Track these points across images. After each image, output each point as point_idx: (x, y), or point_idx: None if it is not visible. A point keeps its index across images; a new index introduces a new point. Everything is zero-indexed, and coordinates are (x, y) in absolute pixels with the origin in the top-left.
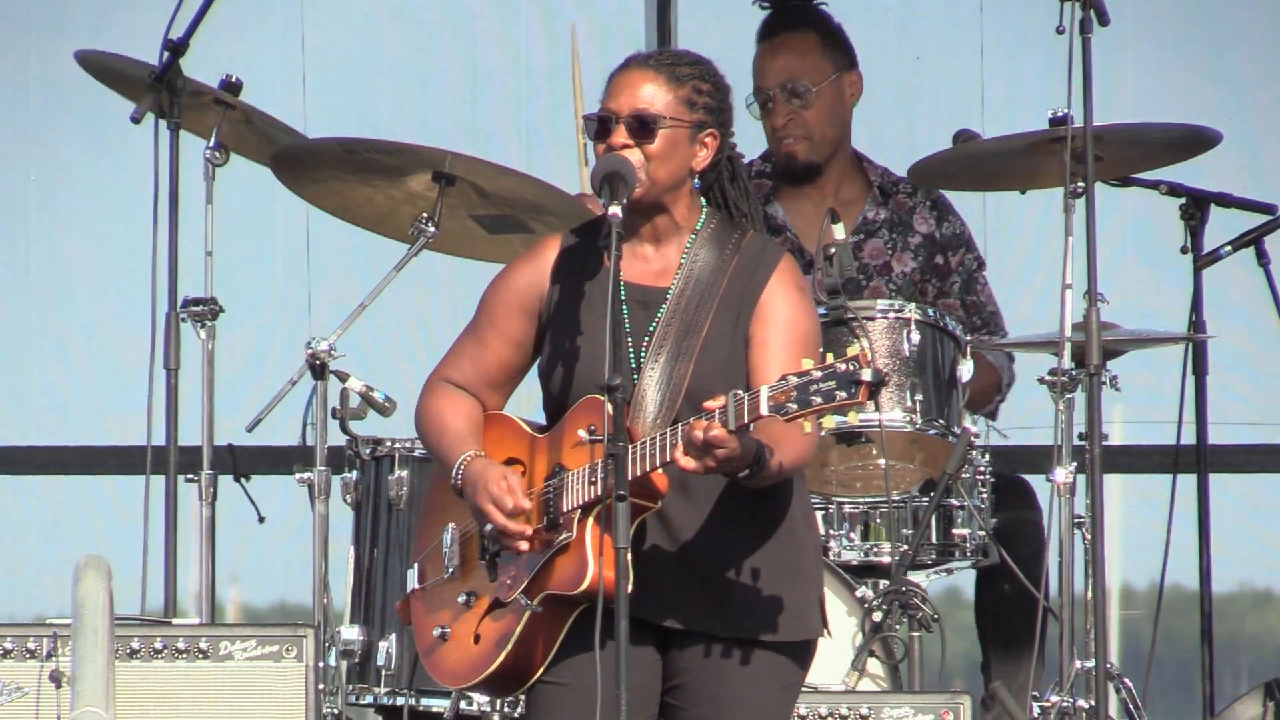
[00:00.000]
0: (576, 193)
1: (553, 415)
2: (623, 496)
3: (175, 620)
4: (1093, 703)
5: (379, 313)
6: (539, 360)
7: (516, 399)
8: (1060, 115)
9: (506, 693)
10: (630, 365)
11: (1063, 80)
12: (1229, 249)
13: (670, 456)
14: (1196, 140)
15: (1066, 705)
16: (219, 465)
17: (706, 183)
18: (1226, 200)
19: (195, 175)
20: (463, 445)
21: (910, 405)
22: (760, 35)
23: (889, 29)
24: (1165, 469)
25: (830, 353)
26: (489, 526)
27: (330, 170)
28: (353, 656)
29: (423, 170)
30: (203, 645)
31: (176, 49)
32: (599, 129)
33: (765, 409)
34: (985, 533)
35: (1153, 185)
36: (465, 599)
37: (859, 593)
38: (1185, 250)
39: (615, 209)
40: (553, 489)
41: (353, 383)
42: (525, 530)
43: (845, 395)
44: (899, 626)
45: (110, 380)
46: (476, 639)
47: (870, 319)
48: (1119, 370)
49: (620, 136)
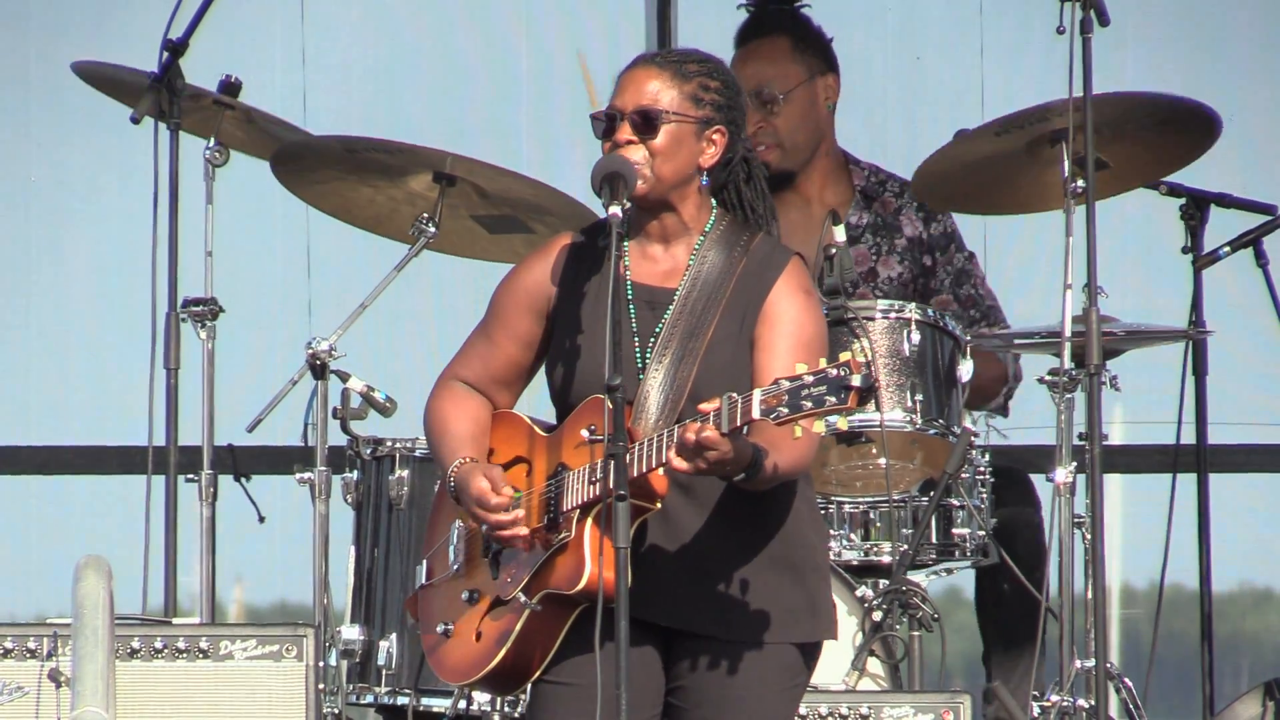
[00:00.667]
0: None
1: (559, 415)
2: (623, 496)
3: (175, 620)
4: (1093, 703)
5: (379, 313)
6: (546, 359)
7: (531, 397)
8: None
9: (507, 690)
10: (636, 365)
11: (1063, 80)
12: (1228, 249)
13: (664, 458)
14: (1195, 123)
15: (1066, 705)
16: (219, 465)
17: (718, 182)
18: (1226, 201)
19: (195, 175)
20: (457, 451)
21: (910, 405)
22: (735, 41)
23: (888, 29)
24: (1165, 469)
25: (828, 356)
26: (485, 526)
27: (331, 171)
28: (353, 656)
29: (423, 171)
30: (203, 645)
31: (176, 49)
32: (605, 127)
33: (757, 412)
34: (985, 532)
35: (1152, 185)
36: (469, 596)
37: (859, 593)
38: (1185, 250)
39: (615, 209)
40: (554, 488)
41: (353, 383)
42: (517, 517)
43: (835, 400)
44: (899, 626)
45: (110, 380)
46: (478, 636)
47: (870, 319)
48: (1119, 370)
49: (624, 133)
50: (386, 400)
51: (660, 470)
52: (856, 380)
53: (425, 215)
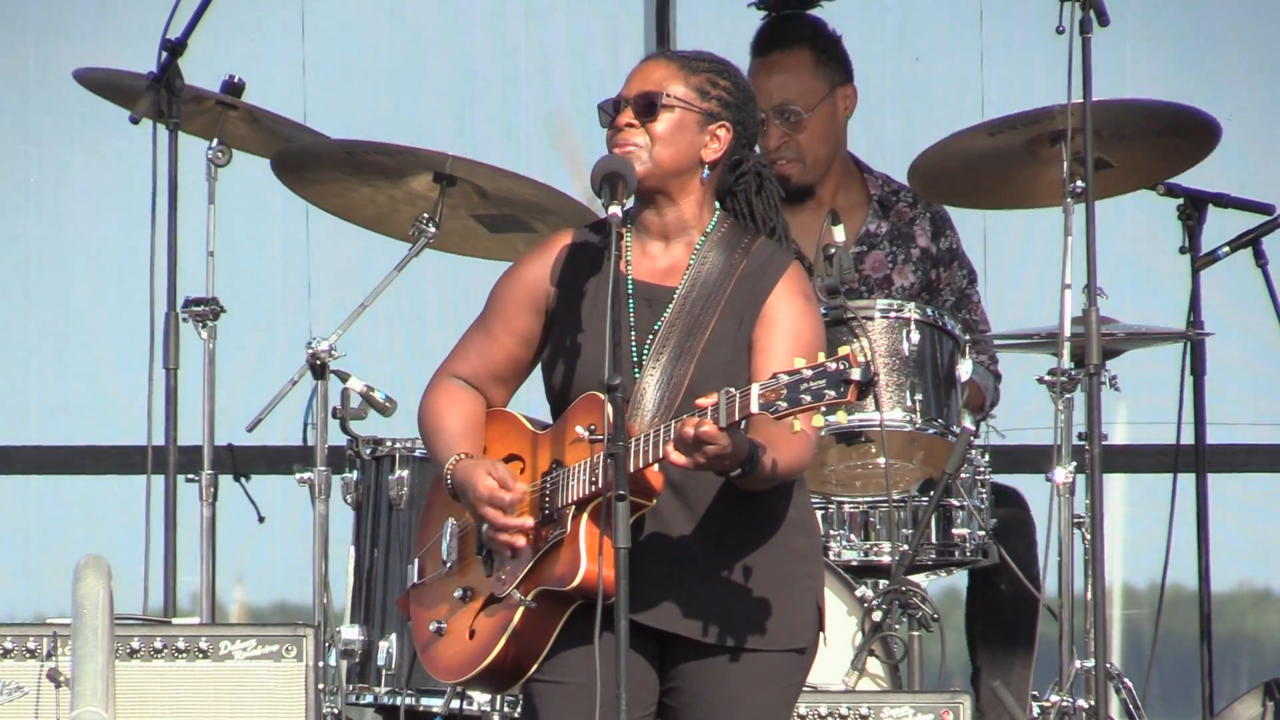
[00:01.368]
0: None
1: (555, 411)
2: (622, 496)
3: (175, 620)
4: (1092, 703)
5: (380, 313)
6: (543, 355)
7: (528, 397)
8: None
9: (501, 688)
10: (633, 362)
11: (1063, 81)
12: (1227, 249)
13: (662, 453)
14: (1195, 128)
15: (1066, 705)
16: (219, 465)
17: (725, 186)
18: (1224, 200)
19: (196, 175)
20: (453, 447)
21: (910, 405)
22: (754, 49)
23: (888, 30)
24: (1166, 469)
25: (823, 353)
26: (487, 526)
27: (331, 171)
28: (353, 656)
29: (424, 171)
30: (203, 645)
31: (175, 49)
32: (605, 116)
33: (755, 406)
34: (985, 533)
35: (1150, 186)
36: (462, 594)
37: (859, 593)
38: (1183, 250)
39: (615, 209)
40: (550, 485)
41: (353, 383)
42: (525, 525)
43: (834, 394)
44: (899, 626)
45: (110, 380)
46: (471, 634)
47: (870, 319)
48: (1121, 370)
49: (625, 117)
50: (386, 400)
51: (654, 467)
52: (856, 374)
53: (426, 215)
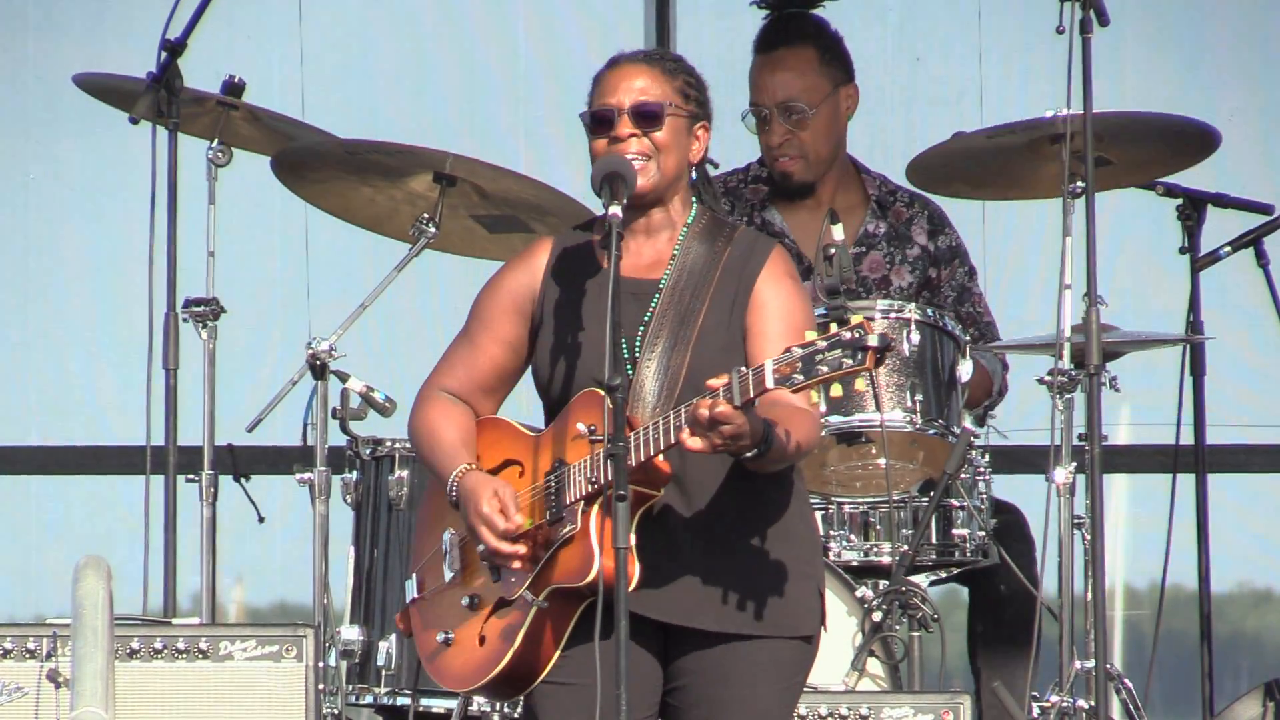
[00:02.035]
0: None
1: (551, 414)
2: (622, 497)
3: (175, 620)
4: (1093, 703)
5: (379, 313)
6: (534, 361)
7: (514, 403)
8: (1060, 116)
9: (513, 694)
10: (623, 356)
11: (1062, 81)
12: (1228, 249)
13: (675, 439)
14: (1194, 136)
15: (1066, 705)
16: (219, 465)
17: (703, 177)
18: (1223, 201)
19: (196, 175)
20: (456, 458)
21: (910, 405)
22: (757, 47)
23: (888, 29)
24: (1167, 469)
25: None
26: (481, 547)
27: (331, 171)
28: (353, 656)
29: (424, 171)
30: (203, 645)
31: (174, 49)
32: (599, 125)
33: (771, 382)
34: (985, 533)
35: (1149, 186)
36: (469, 602)
37: (859, 593)
38: (1183, 251)
39: (615, 209)
40: (554, 483)
41: (353, 383)
42: (518, 551)
43: (852, 362)
44: (899, 626)
45: (110, 380)
46: (482, 641)
47: (870, 319)
48: (1124, 371)
49: (626, 126)
50: (386, 400)
51: (660, 457)
52: (872, 340)
53: (425, 215)
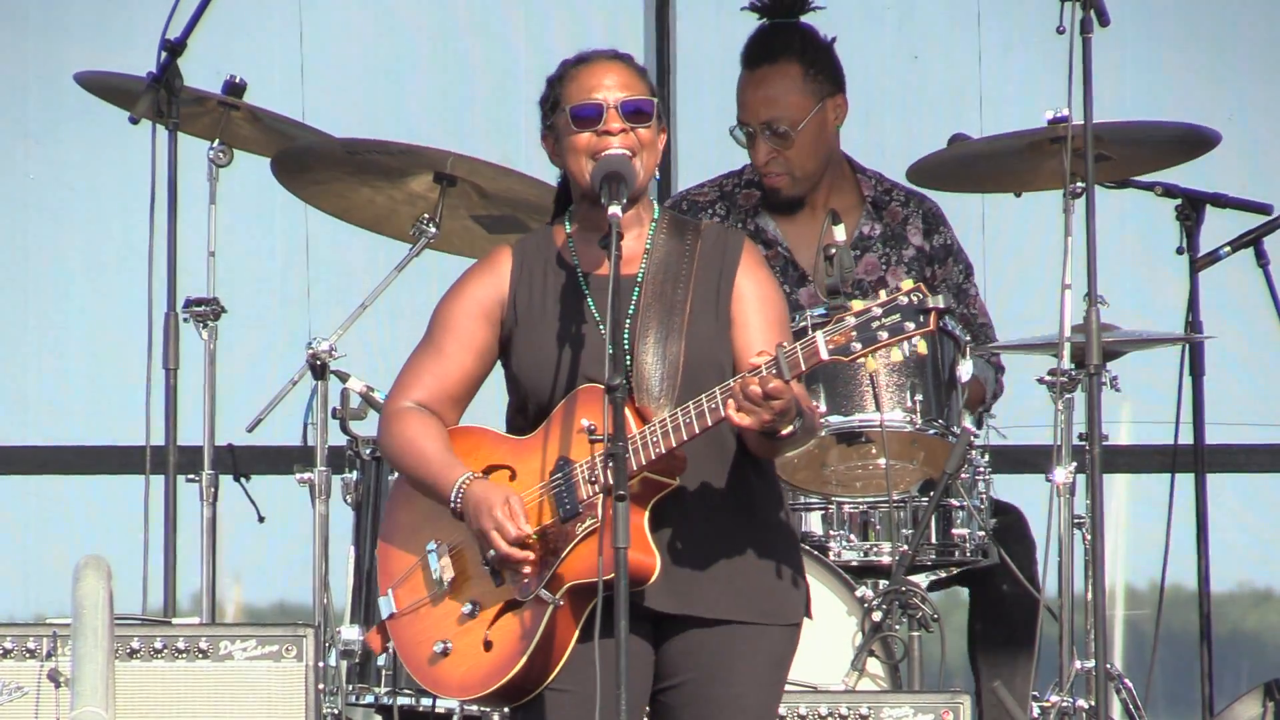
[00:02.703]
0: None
1: (534, 417)
2: (622, 497)
3: (175, 620)
4: (1093, 703)
5: (379, 313)
6: (515, 366)
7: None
8: (1060, 116)
9: (517, 699)
10: (608, 353)
11: (1062, 81)
12: (1228, 249)
13: (712, 421)
14: (1194, 140)
15: (1066, 705)
16: (219, 465)
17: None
18: (1222, 201)
19: (196, 175)
20: (453, 469)
21: (910, 405)
22: (743, 61)
23: (886, 29)
24: (1167, 469)
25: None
26: (492, 553)
27: (331, 172)
28: (353, 656)
29: (424, 171)
30: (203, 645)
31: (174, 49)
32: (583, 119)
33: (825, 353)
34: (985, 533)
35: (1148, 186)
36: (470, 609)
37: (859, 593)
38: (1181, 251)
39: (615, 209)
40: (562, 482)
41: (353, 383)
42: (529, 557)
43: (914, 325)
44: (899, 626)
45: (110, 380)
46: (488, 646)
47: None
48: (1125, 371)
49: (615, 120)
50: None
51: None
52: (936, 301)
53: (426, 216)
